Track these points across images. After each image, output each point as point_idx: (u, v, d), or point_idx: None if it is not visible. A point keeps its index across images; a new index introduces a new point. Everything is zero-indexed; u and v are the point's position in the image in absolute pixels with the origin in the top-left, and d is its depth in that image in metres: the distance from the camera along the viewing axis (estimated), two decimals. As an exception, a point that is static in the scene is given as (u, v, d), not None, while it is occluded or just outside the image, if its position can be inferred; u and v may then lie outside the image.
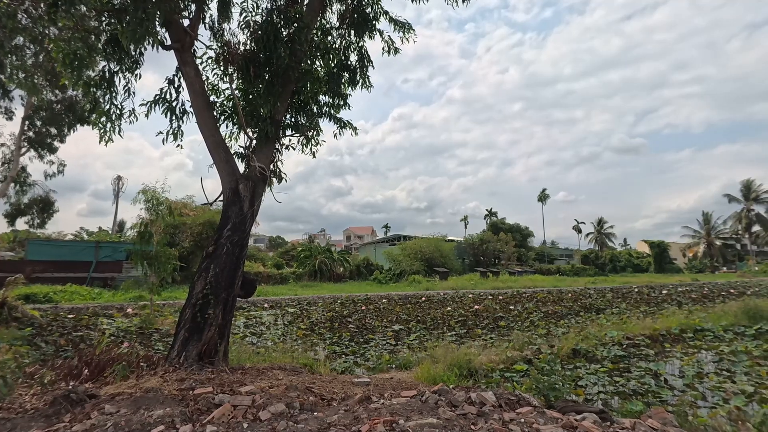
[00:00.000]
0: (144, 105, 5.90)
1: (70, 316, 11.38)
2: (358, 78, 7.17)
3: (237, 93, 6.29)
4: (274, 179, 6.71)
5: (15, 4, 5.40)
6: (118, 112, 5.85)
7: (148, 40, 5.25)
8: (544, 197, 75.08)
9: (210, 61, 6.26)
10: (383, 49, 7.34)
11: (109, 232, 44.93)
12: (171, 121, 6.03)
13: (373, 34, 7.12)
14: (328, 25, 7.04)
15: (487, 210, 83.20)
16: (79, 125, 23.73)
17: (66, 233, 45.46)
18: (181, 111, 6.09)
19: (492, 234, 47.31)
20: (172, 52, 5.76)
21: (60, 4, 4.84)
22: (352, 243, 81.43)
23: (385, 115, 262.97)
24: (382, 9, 7.06)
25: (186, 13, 5.87)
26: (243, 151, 6.39)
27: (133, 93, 5.92)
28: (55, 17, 4.96)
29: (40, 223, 26.76)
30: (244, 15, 6.12)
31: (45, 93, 20.01)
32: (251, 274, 22.30)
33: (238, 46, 6.08)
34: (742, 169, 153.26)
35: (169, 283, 17.66)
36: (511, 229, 50.70)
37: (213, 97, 6.49)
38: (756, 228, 62.10)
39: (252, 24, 6.02)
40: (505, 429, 3.00)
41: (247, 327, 10.99)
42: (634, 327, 9.64)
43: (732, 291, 22.12)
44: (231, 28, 6.41)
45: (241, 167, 6.21)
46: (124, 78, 5.80)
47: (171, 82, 6.03)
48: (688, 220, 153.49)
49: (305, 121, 6.86)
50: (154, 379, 4.19)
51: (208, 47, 6.29)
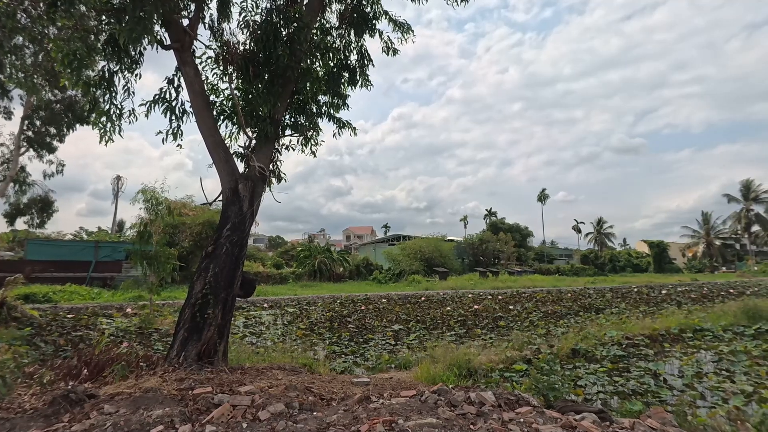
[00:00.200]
0: (144, 105, 5.90)
1: (69, 316, 11.37)
2: (357, 77, 7.17)
3: (236, 93, 6.29)
4: (274, 179, 6.71)
5: (14, 4, 5.38)
6: (118, 112, 5.84)
7: (146, 40, 5.24)
8: (543, 197, 75.19)
9: (209, 60, 6.26)
10: (382, 50, 7.34)
11: (109, 231, 44.90)
12: (170, 120, 6.03)
13: (373, 34, 7.12)
14: (327, 24, 7.04)
15: (486, 210, 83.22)
16: (78, 125, 23.74)
17: (65, 233, 45.54)
18: (180, 111, 6.08)
19: (491, 234, 47.32)
20: (172, 52, 5.76)
21: (59, 3, 4.84)
22: (351, 243, 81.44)
23: (385, 114, 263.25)
24: (382, 9, 7.07)
25: (185, 13, 5.87)
26: (242, 151, 6.39)
27: (133, 93, 5.91)
28: (54, 17, 4.95)
29: (40, 222, 26.78)
30: (244, 15, 6.13)
31: (44, 93, 19.99)
32: (251, 274, 22.28)
33: (237, 45, 6.07)
34: (741, 169, 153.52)
35: (168, 283, 17.66)
36: (511, 229, 50.72)
37: (212, 97, 6.49)
38: (755, 228, 62.16)
39: (251, 24, 6.02)
40: (504, 429, 3.00)
41: (246, 327, 10.99)
42: (633, 327, 9.65)
43: (731, 291, 22.14)
44: (230, 28, 6.41)
45: (241, 167, 6.21)
46: (124, 78, 5.78)
47: (170, 81, 6.03)
48: (687, 220, 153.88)
49: (305, 121, 6.87)
50: (154, 379, 4.19)
51: (207, 47, 6.29)
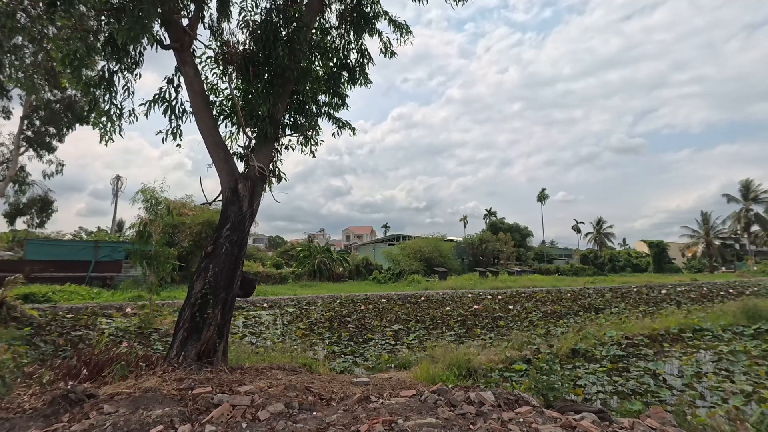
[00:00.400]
0: (143, 104, 5.89)
1: (68, 316, 11.37)
2: (357, 76, 7.17)
3: (236, 92, 6.29)
4: (273, 179, 6.70)
5: (14, 4, 5.38)
6: (118, 111, 5.84)
7: (145, 39, 5.23)
8: (543, 197, 75.26)
9: (209, 60, 6.25)
10: (380, 51, 7.34)
11: (108, 231, 44.90)
12: (170, 120, 6.02)
13: (373, 34, 7.12)
14: (327, 24, 7.04)
15: (486, 210, 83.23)
16: (78, 125, 23.71)
17: (65, 233, 45.59)
18: (180, 110, 6.07)
19: (491, 234, 47.35)
20: (172, 51, 5.76)
21: (59, 3, 4.83)
22: (351, 243, 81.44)
23: (385, 114, 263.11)
24: (382, 9, 7.07)
25: (185, 13, 5.86)
26: (242, 151, 6.39)
27: (133, 93, 5.91)
28: (53, 17, 4.95)
29: (39, 222, 26.75)
30: (244, 14, 6.12)
31: (44, 92, 19.97)
32: (250, 274, 22.28)
33: (237, 45, 6.06)
34: (741, 169, 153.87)
35: (168, 283, 17.61)
36: (511, 229, 50.73)
37: (212, 97, 6.49)
38: (755, 228, 62.18)
39: (251, 23, 6.02)
40: (503, 429, 3.00)
41: (246, 327, 10.99)
42: (633, 327, 9.65)
43: (731, 291, 22.16)
44: (230, 28, 6.40)
45: (240, 167, 6.20)
46: (124, 78, 5.78)
47: (170, 81, 6.02)
48: (687, 220, 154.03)
49: (304, 121, 6.86)
50: (153, 379, 4.19)
51: (207, 47, 6.29)
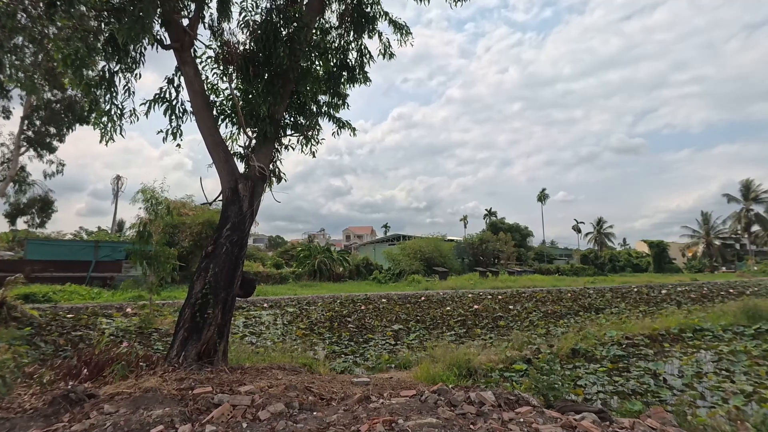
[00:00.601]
0: (144, 104, 5.90)
1: (69, 316, 11.37)
2: (357, 75, 7.17)
3: (236, 92, 6.29)
4: (274, 179, 6.70)
5: (14, 4, 5.38)
6: (119, 111, 5.84)
7: (146, 39, 5.23)
8: (543, 197, 75.30)
9: (209, 60, 6.25)
10: (379, 52, 7.34)
11: (109, 231, 44.92)
12: (170, 120, 6.03)
13: (372, 35, 7.12)
14: (327, 24, 7.03)
15: (486, 210, 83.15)
16: (78, 125, 23.70)
17: (65, 233, 45.58)
18: (180, 110, 6.08)
19: (491, 234, 47.33)
20: (172, 51, 5.76)
21: (59, 3, 4.84)
22: (351, 243, 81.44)
23: (385, 114, 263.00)
24: (382, 10, 7.06)
25: (185, 13, 5.87)
26: (242, 151, 6.39)
27: (133, 93, 5.92)
28: (54, 17, 4.95)
29: (40, 222, 26.75)
30: (244, 14, 6.12)
31: (44, 92, 19.96)
32: (250, 274, 22.29)
33: (237, 45, 6.06)
34: (741, 169, 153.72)
35: (168, 283, 17.62)
36: (511, 229, 50.71)
37: (212, 97, 6.49)
38: (755, 228, 62.13)
39: (251, 23, 6.02)
40: (504, 429, 3.00)
41: (246, 327, 10.99)
42: (633, 327, 9.65)
43: (731, 291, 22.15)
44: (230, 28, 6.40)
45: (241, 167, 6.21)
46: (124, 78, 5.79)
47: (170, 81, 6.03)
48: (687, 219, 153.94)
49: (304, 121, 6.87)
50: (154, 379, 4.20)
51: (207, 47, 6.29)
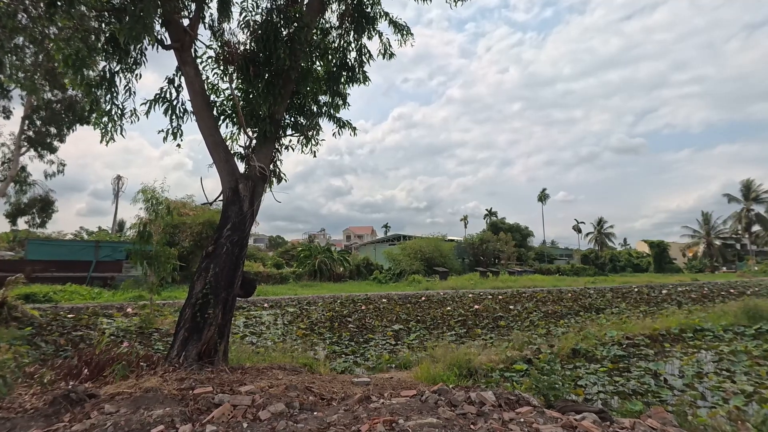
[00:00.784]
0: (144, 104, 5.90)
1: (69, 316, 11.38)
2: (357, 75, 7.17)
3: (237, 92, 6.29)
4: (274, 179, 6.71)
5: (15, 4, 5.38)
6: (120, 112, 5.84)
7: (146, 39, 5.23)
8: (543, 197, 75.19)
9: (210, 60, 6.26)
10: (379, 52, 7.34)
11: (109, 231, 44.94)
12: (171, 120, 6.03)
13: (372, 36, 7.12)
14: (327, 24, 7.03)
15: (486, 210, 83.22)
16: (78, 125, 23.73)
17: (66, 233, 45.58)
18: (181, 110, 6.09)
19: (492, 234, 47.32)
20: (172, 51, 5.76)
21: (59, 4, 4.84)
22: (351, 243, 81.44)
23: (385, 114, 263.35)
24: (383, 10, 7.06)
25: (185, 13, 5.87)
26: (243, 151, 6.39)
27: (134, 93, 5.93)
28: (54, 17, 4.95)
29: (40, 222, 26.76)
30: (244, 15, 6.13)
31: (44, 93, 19.97)
32: (251, 274, 22.29)
33: (237, 45, 6.07)
34: (741, 169, 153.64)
35: (168, 283, 17.60)
36: (511, 229, 50.70)
37: (213, 97, 6.49)
38: (756, 228, 62.12)
39: (252, 24, 6.02)
40: (504, 429, 3.00)
41: (246, 327, 10.99)
42: (633, 327, 9.64)
43: (732, 291, 22.13)
44: (231, 28, 6.41)
45: (241, 167, 6.21)
46: (125, 78, 5.79)
47: (171, 81, 6.03)
48: (687, 219, 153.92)
49: (305, 121, 6.87)
50: (154, 379, 4.20)
51: (208, 47, 6.30)
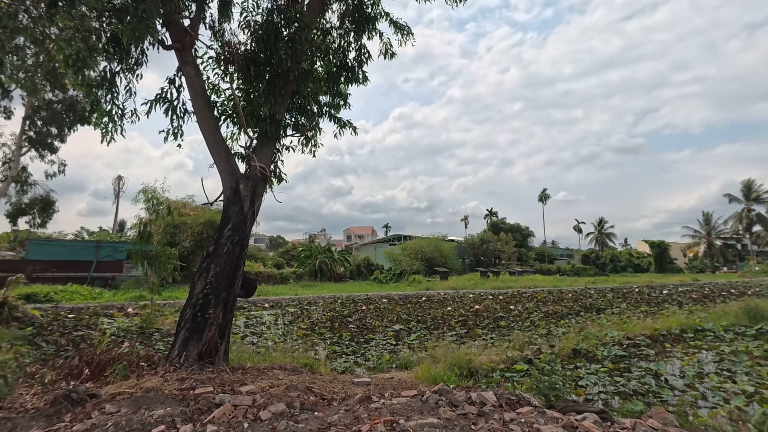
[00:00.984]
0: (145, 104, 5.91)
1: (70, 316, 11.38)
2: (357, 75, 7.18)
3: (237, 93, 6.29)
4: (274, 179, 6.71)
5: (15, 4, 5.39)
6: (120, 112, 5.85)
7: (148, 39, 5.24)
8: (544, 197, 75.24)
9: (210, 60, 6.26)
10: (380, 52, 7.34)
11: (110, 231, 44.97)
12: (172, 120, 6.04)
13: (372, 36, 7.12)
14: (328, 25, 7.04)
15: (487, 210, 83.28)
16: (79, 125, 23.73)
17: (66, 233, 45.53)
18: (181, 111, 6.09)
19: (492, 234, 47.30)
20: (173, 51, 5.77)
21: (60, 4, 4.84)
22: (352, 243, 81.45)
23: (386, 114, 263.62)
24: (383, 10, 7.07)
25: (186, 13, 5.88)
26: (243, 151, 6.40)
27: (135, 93, 5.93)
28: (55, 17, 4.95)
29: (41, 222, 26.75)
30: (245, 15, 6.13)
31: (45, 93, 19.98)
32: (252, 274, 22.28)
33: (238, 45, 6.07)
34: (741, 169, 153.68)
35: (169, 283, 17.69)
36: (512, 229, 50.67)
37: (213, 97, 6.50)
38: (757, 228, 62.01)
39: (252, 24, 6.02)
40: (505, 429, 3.00)
41: (247, 327, 11.00)
42: (634, 327, 9.63)
43: (733, 291, 22.10)
44: (231, 28, 6.42)
45: (242, 167, 6.21)
46: (125, 78, 5.80)
47: (172, 81, 6.04)
48: (688, 220, 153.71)
49: (305, 121, 6.87)
50: (155, 379, 4.20)
51: (208, 47, 6.30)
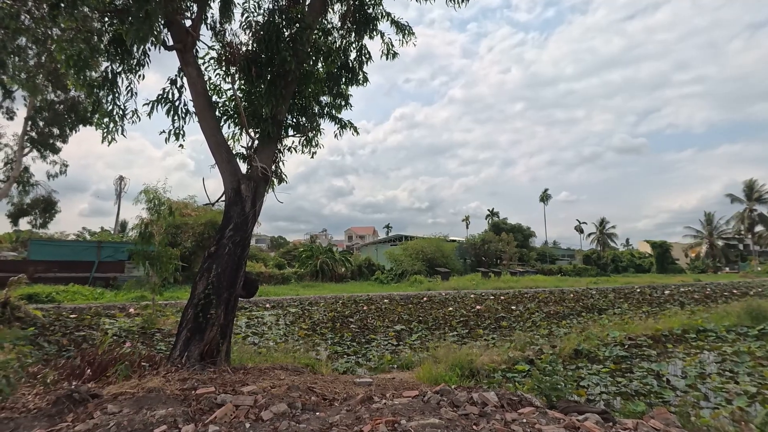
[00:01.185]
0: (147, 105, 5.92)
1: (72, 316, 11.41)
2: (358, 76, 7.18)
3: (239, 93, 6.30)
4: (276, 180, 6.71)
5: (18, 5, 5.40)
6: (121, 112, 5.86)
7: (151, 40, 5.25)
8: (545, 197, 75.15)
9: (212, 61, 6.27)
10: (382, 52, 7.34)
11: (112, 232, 45.04)
12: (173, 121, 6.05)
13: (373, 36, 7.13)
14: (329, 25, 7.04)
15: (488, 210, 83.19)
16: (81, 125, 23.78)
17: (68, 233, 45.65)
18: (183, 111, 6.10)
19: (493, 234, 47.27)
20: (174, 52, 5.78)
21: (62, 5, 4.86)
22: (353, 243, 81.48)
23: (387, 115, 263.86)
24: (385, 11, 7.07)
25: (188, 14, 5.89)
26: (245, 152, 6.40)
27: (136, 93, 5.94)
28: (57, 18, 4.97)
29: (43, 223, 26.82)
30: (246, 15, 6.14)
31: (47, 93, 20.02)
32: (253, 274, 22.24)
33: (239, 46, 6.08)
34: (743, 169, 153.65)
35: (171, 283, 17.71)
36: (513, 229, 50.61)
37: (215, 98, 6.51)
38: (759, 228, 61.86)
39: (254, 24, 6.03)
40: (507, 429, 2.99)
41: (248, 327, 11.01)
42: (636, 327, 9.62)
43: (735, 291, 22.04)
44: (232, 29, 6.44)
45: (243, 168, 6.22)
46: (127, 79, 5.81)
47: (173, 82, 6.05)
48: (690, 220, 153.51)
49: (306, 122, 6.87)
50: (157, 379, 4.21)
51: (210, 48, 6.31)
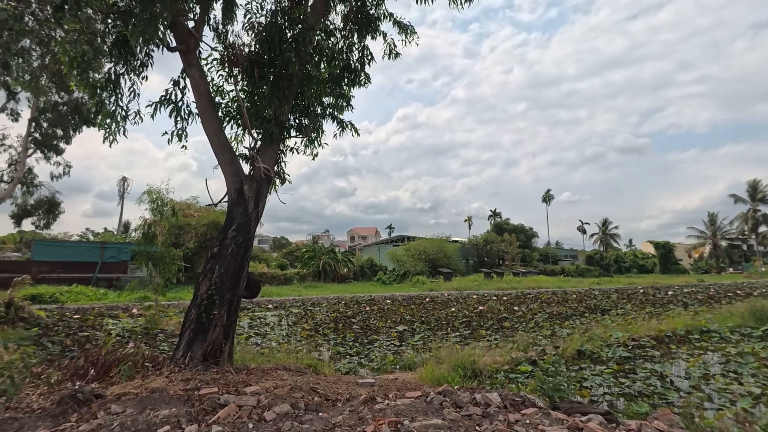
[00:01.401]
0: (150, 106, 5.94)
1: (75, 317, 11.46)
2: (361, 76, 7.18)
3: (241, 94, 6.31)
4: (278, 180, 6.72)
5: (22, 7, 5.43)
6: (124, 113, 5.88)
7: (155, 41, 5.27)
8: (548, 198, 75.01)
9: (215, 62, 6.28)
10: (384, 52, 7.34)
11: (115, 232, 45.20)
12: (176, 122, 6.07)
13: (375, 36, 7.13)
14: (331, 26, 7.05)
15: (491, 210, 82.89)
16: (84, 127, 23.88)
17: (71, 234, 45.85)
18: (186, 112, 6.12)
19: (496, 234, 47.17)
20: (177, 53, 5.80)
21: (66, 7, 4.88)
22: (356, 244, 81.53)
23: (389, 115, 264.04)
24: (387, 11, 7.08)
25: (191, 15, 5.90)
26: (247, 153, 6.41)
27: (138, 94, 5.96)
28: (61, 20, 4.99)
29: (46, 224, 26.92)
30: (249, 17, 6.15)
31: (50, 95, 20.12)
32: (255, 275, 22.27)
33: (242, 47, 6.09)
34: (746, 169, 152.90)
35: (173, 284, 17.72)
36: (515, 230, 50.50)
37: (218, 99, 6.52)
38: (763, 228, 61.54)
39: (256, 26, 6.04)
40: (510, 430, 2.99)
41: (251, 327, 11.04)
42: (639, 328, 9.59)
43: (738, 292, 21.96)
44: (235, 30, 6.44)
45: (246, 168, 6.23)
46: (130, 80, 5.83)
47: (176, 83, 6.06)
48: (693, 220, 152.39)
49: (309, 123, 6.88)
50: (160, 380, 4.22)
51: (213, 49, 6.32)
